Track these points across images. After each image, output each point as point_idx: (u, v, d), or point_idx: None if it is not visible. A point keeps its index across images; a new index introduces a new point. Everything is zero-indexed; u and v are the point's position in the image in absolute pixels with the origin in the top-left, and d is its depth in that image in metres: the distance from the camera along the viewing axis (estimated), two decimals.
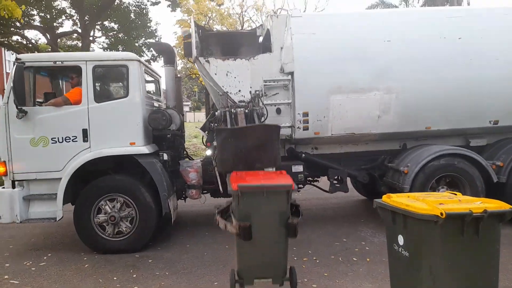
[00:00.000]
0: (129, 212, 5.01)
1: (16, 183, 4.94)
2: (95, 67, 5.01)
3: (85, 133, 4.93)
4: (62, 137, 4.90)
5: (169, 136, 5.51)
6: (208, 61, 5.45)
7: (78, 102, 4.99)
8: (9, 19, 8.11)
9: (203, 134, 6.12)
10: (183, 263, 4.64)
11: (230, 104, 5.41)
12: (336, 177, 5.97)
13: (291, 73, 5.45)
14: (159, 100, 6.44)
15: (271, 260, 3.45)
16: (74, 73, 5.31)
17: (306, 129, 5.53)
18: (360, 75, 5.44)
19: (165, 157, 5.33)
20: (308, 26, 5.52)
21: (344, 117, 5.54)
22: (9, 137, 4.84)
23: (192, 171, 5.64)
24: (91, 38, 17.45)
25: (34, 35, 24.45)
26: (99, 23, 17.96)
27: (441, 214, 2.53)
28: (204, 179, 5.71)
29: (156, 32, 19.35)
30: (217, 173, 5.64)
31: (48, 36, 16.50)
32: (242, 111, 5.21)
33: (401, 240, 2.91)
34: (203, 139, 6.34)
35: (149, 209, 4.98)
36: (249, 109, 5.27)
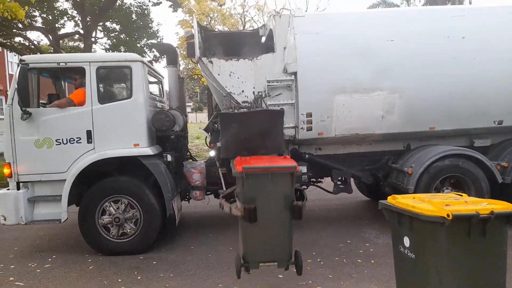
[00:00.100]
0: (133, 214, 5.01)
1: (21, 184, 4.95)
2: (98, 68, 5.01)
3: (89, 134, 4.93)
4: (67, 139, 4.91)
5: (172, 137, 5.50)
6: (211, 62, 5.44)
7: (82, 103, 5.00)
8: (11, 20, 8.15)
9: (207, 135, 6.12)
10: (187, 265, 4.64)
11: (234, 104, 5.41)
12: (340, 178, 5.95)
13: (294, 73, 5.42)
14: (162, 101, 6.44)
15: (276, 243, 3.43)
16: (78, 74, 5.31)
17: (309, 129, 5.51)
18: (364, 75, 5.42)
19: (169, 158, 5.32)
20: (311, 26, 5.49)
21: (348, 117, 5.51)
22: (13, 139, 4.85)
23: (196, 172, 5.64)
24: (93, 39, 17.47)
25: (36, 36, 24.59)
26: (101, 24, 18.00)
27: (448, 215, 2.52)
28: (207, 180, 5.72)
29: (157, 33, 19.39)
30: (221, 174, 5.65)
31: (50, 37, 16.55)
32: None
33: (407, 242, 2.90)
34: (206, 140, 6.33)
35: (153, 211, 4.98)
36: (252, 109, 5.26)
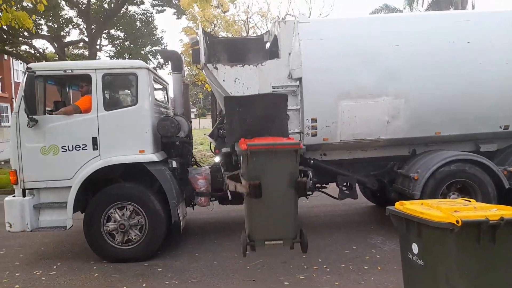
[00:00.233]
0: (138, 220, 5.00)
1: (27, 191, 4.95)
2: (104, 75, 5.04)
3: (94, 141, 4.94)
4: (72, 145, 4.92)
5: (177, 143, 5.50)
6: (216, 68, 5.46)
7: (88, 110, 5.02)
8: (18, 29, 8.23)
9: (212, 141, 6.12)
10: (192, 272, 4.61)
11: None
12: (345, 184, 5.92)
13: (299, 79, 5.42)
14: (167, 107, 6.46)
15: (281, 221, 3.44)
16: (84, 81, 5.34)
17: (314, 135, 5.49)
18: (369, 80, 5.41)
19: (174, 164, 5.31)
20: (316, 32, 5.50)
21: (353, 122, 5.49)
22: (20, 146, 4.86)
23: (200, 178, 5.63)
24: (97, 47, 17.64)
25: (41, 44, 24.94)
26: (105, 31, 18.18)
27: (457, 222, 2.50)
28: (212, 186, 5.70)
29: (162, 40, 19.58)
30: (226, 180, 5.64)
31: (56, 45, 16.72)
32: None
33: (415, 249, 2.87)
34: (210, 146, 6.34)
35: (158, 217, 4.97)
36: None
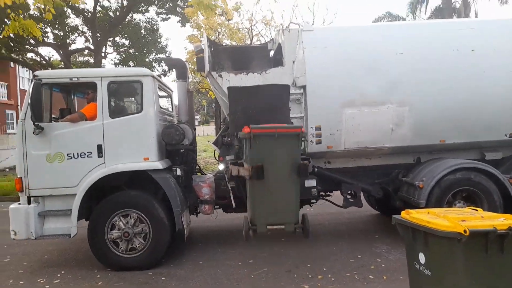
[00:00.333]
0: (142, 228, 4.97)
1: (32, 199, 4.95)
2: (110, 83, 5.06)
3: (99, 148, 4.95)
4: (77, 153, 4.93)
5: (182, 151, 5.50)
6: (220, 76, 5.49)
7: (93, 117, 5.04)
8: (24, 37, 8.33)
9: (216, 148, 6.11)
10: (196, 280, 4.58)
11: None
12: (349, 192, 5.89)
13: (304, 86, 5.44)
14: (171, 115, 6.48)
15: (283, 206, 3.46)
16: (89, 89, 5.38)
17: (319, 143, 5.48)
18: (373, 88, 5.42)
19: (179, 172, 5.30)
20: (320, 40, 5.54)
21: (357, 130, 5.49)
22: (25, 153, 4.88)
23: (205, 186, 5.62)
24: (102, 54, 17.80)
25: (47, 52, 25.15)
26: (110, 39, 18.36)
27: (465, 231, 2.48)
28: (216, 194, 5.68)
29: (166, 48, 19.73)
30: (230, 187, 5.62)
31: (61, 52, 16.88)
32: None
33: (422, 258, 2.84)
34: (214, 153, 6.33)
35: (162, 225, 4.94)
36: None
